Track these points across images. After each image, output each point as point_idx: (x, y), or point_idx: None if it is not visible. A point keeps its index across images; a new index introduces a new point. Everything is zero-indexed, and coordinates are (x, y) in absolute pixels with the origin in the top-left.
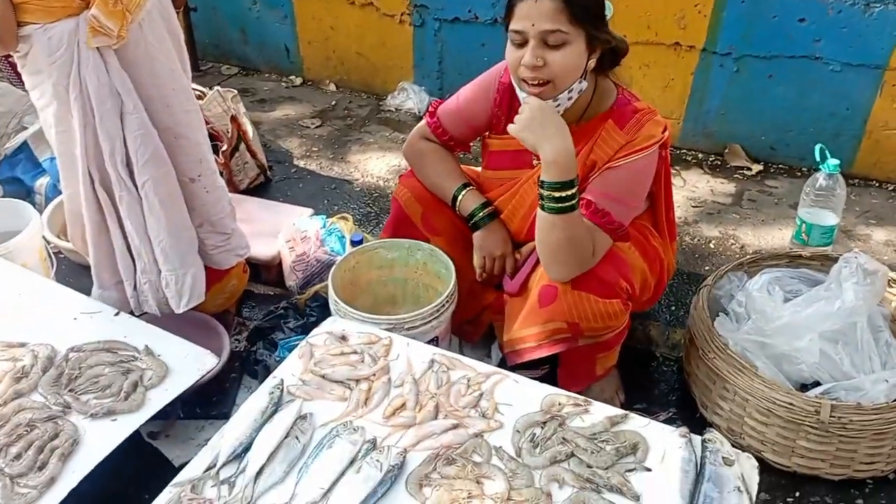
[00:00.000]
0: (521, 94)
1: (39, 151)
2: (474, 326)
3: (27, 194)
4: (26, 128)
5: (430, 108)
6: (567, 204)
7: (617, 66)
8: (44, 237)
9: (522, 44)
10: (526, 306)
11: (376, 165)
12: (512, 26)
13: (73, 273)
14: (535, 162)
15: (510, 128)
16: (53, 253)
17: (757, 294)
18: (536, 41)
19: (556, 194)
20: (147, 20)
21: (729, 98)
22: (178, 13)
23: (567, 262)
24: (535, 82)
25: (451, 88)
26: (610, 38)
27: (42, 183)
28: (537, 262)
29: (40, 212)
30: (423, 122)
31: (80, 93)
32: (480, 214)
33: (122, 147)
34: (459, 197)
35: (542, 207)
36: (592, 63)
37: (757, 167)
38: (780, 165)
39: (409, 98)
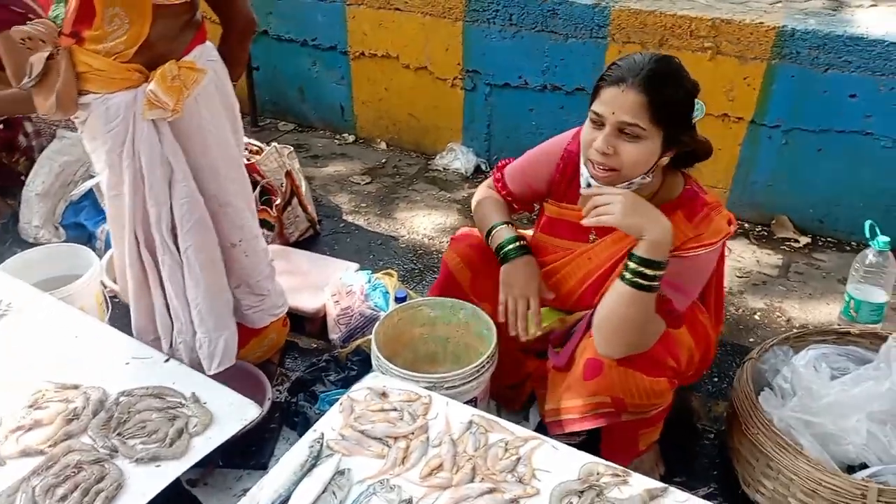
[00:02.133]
0: (583, 171)
1: (103, 199)
2: (515, 393)
3: (89, 239)
4: (92, 176)
5: (499, 165)
6: (652, 283)
7: (690, 167)
8: (101, 282)
9: (599, 126)
10: (570, 377)
11: (422, 223)
12: (593, 107)
13: (127, 317)
14: (591, 237)
15: (608, 219)
16: (109, 297)
17: (803, 370)
18: (612, 129)
19: (647, 271)
20: (202, 94)
21: (777, 170)
22: (234, 85)
23: (626, 342)
24: (602, 168)
25: (499, 150)
26: (690, 142)
27: (103, 229)
28: (582, 335)
29: (100, 256)
30: (490, 178)
31: (133, 161)
32: (510, 247)
33: (169, 213)
34: (494, 230)
35: (624, 279)
36: (665, 161)
37: (805, 239)
38: (829, 239)
39: (457, 158)
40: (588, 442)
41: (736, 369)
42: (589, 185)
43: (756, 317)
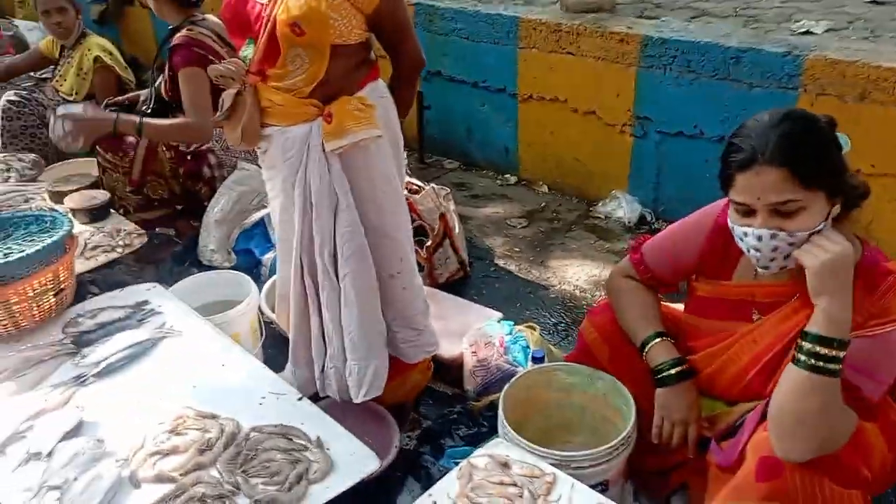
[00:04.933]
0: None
1: (272, 229)
2: (660, 481)
3: (256, 265)
4: (265, 206)
5: (636, 243)
6: (832, 366)
7: (857, 207)
8: (259, 308)
9: (749, 214)
10: (738, 476)
11: (575, 273)
12: (733, 196)
13: (279, 343)
14: (755, 316)
15: (806, 258)
16: (265, 323)
17: None
18: (766, 213)
19: (824, 351)
20: None
21: None
22: (401, 122)
23: (810, 438)
24: (772, 261)
25: (667, 201)
26: (851, 183)
27: (269, 257)
28: (755, 429)
29: (264, 282)
30: (626, 258)
31: (304, 189)
32: (669, 372)
33: (332, 241)
34: (649, 345)
35: (799, 363)
36: (836, 211)
37: None
38: None
39: (621, 206)
40: None
41: None
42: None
43: None
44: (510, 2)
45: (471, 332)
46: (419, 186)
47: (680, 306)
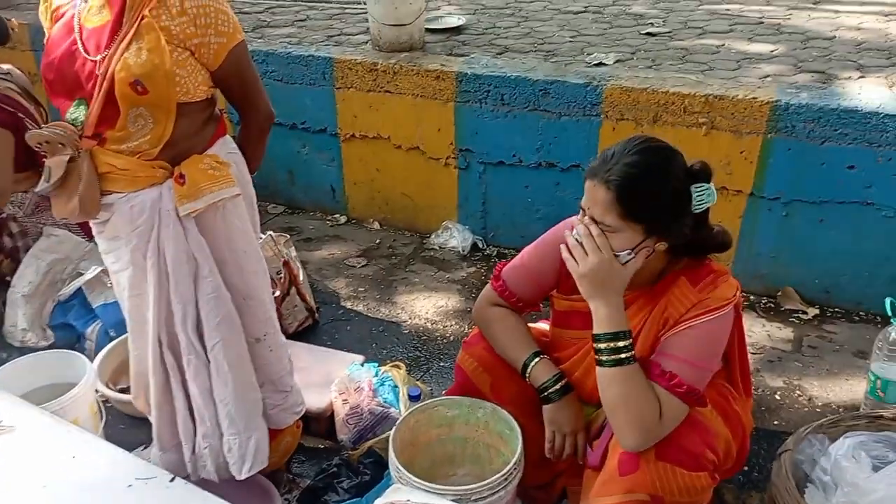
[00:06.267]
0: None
1: (93, 298)
2: (546, 493)
3: (77, 339)
4: (81, 274)
5: (495, 272)
6: (624, 355)
7: (694, 257)
8: (95, 388)
9: (583, 214)
10: (604, 472)
11: (423, 306)
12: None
13: (121, 424)
14: None
15: (572, 265)
16: (102, 402)
17: (844, 462)
18: (590, 219)
19: (614, 344)
20: None
21: (780, 242)
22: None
23: (631, 425)
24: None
25: (494, 227)
26: (687, 232)
27: (94, 329)
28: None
29: (91, 358)
30: (488, 286)
31: (158, 258)
32: (553, 389)
33: (195, 310)
34: (530, 366)
35: (603, 364)
36: (661, 247)
37: (813, 311)
38: (837, 310)
39: (453, 237)
40: None
41: (764, 456)
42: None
43: (777, 397)
44: (321, 43)
45: (338, 380)
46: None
47: (541, 325)
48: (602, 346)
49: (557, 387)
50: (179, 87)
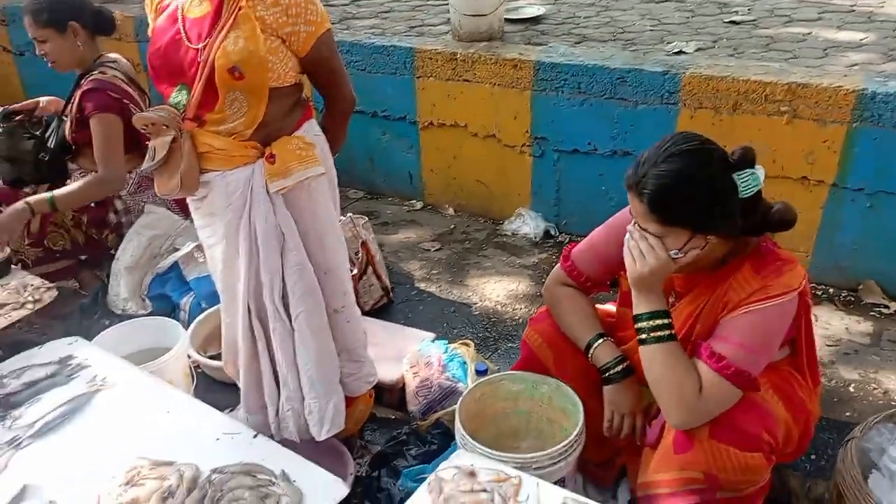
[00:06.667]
0: None
1: (188, 271)
2: (604, 470)
3: (173, 310)
4: (177, 249)
5: (564, 252)
6: (664, 333)
7: (759, 235)
8: (188, 354)
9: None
10: (660, 450)
11: (494, 290)
12: None
13: (210, 388)
14: (670, 300)
15: (628, 261)
16: (194, 368)
17: None
18: (638, 226)
19: (657, 322)
20: None
21: (862, 234)
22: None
23: (671, 400)
24: None
25: (568, 215)
26: (735, 224)
27: (188, 300)
28: None
29: (185, 328)
30: (557, 266)
31: (249, 233)
32: (615, 370)
33: (281, 282)
34: (594, 346)
35: (645, 342)
36: (713, 240)
37: (895, 305)
38: None
39: (526, 224)
40: None
41: (833, 445)
42: None
43: (851, 389)
44: (403, 34)
45: (410, 355)
46: None
47: (609, 307)
48: (643, 324)
49: (619, 368)
50: (272, 72)
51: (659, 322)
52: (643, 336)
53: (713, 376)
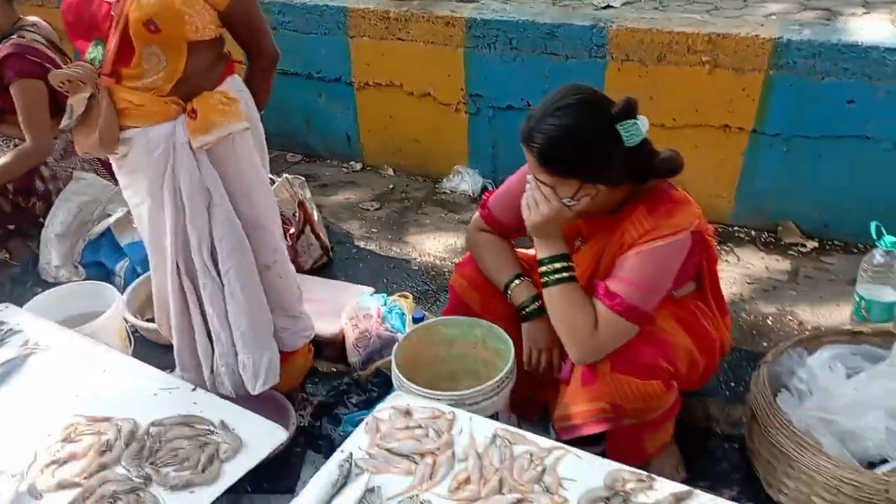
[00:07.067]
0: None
1: (121, 237)
2: (532, 405)
3: (107, 277)
4: (109, 215)
5: (482, 200)
6: (564, 274)
7: (649, 181)
8: (124, 317)
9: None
10: (571, 384)
11: (433, 245)
12: None
13: (148, 351)
14: (577, 244)
15: (525, 212)
16: (131, 332)
17: (819, 370)
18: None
19: (558, 265)
20: None
21: (780, 177)
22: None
23: (570, 338)
24: None
25: (505, 170)
26: (621, 173)
27: (122, 266)
28: None
29: (121, 293)
30: (476, 214)
31: (173, 189)
32: (531, 307)
33: (209, 238)
34: (511, 286)
35: (546, 284)
36: (603, 188)
37: (812, 244)
38: (835, 242)
39: (464, 181)
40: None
41: (750, 373)
42: None
43: (768, 321)
44: None
45: (349, 307)
46: (272, 178)
47: (532, 251)
48: (545, 268)
49: (535, 306)
50: (189, 25)
51: (558, 265)
52: (545, 279)
53: (607, 313)
